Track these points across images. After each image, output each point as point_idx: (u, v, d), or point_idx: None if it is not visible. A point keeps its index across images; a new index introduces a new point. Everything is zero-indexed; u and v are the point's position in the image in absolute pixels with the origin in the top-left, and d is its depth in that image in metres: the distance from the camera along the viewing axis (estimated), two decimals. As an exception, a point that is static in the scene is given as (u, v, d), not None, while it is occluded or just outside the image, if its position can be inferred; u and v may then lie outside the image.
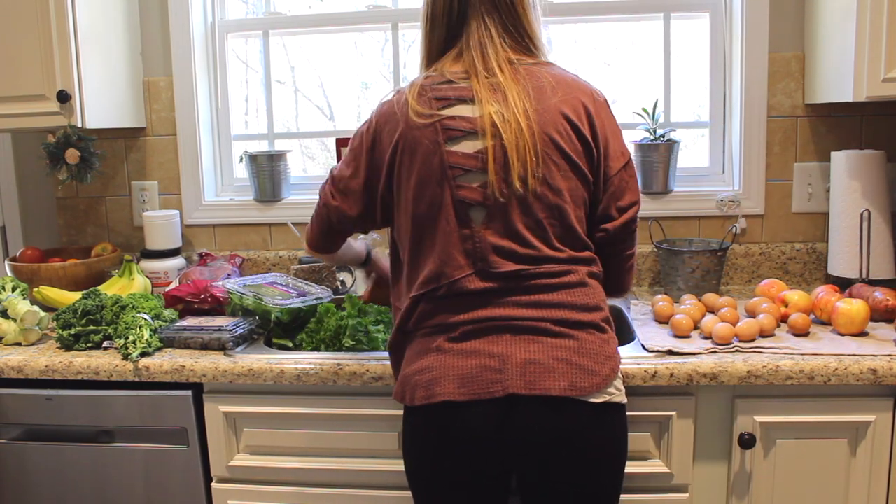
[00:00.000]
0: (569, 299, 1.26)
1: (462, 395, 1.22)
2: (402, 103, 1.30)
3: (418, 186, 1.28)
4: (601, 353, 1.25)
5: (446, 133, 1.26)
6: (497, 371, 1.22)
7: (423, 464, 1.31)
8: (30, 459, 1.68)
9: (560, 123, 1.26)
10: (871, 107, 2.01)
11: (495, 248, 1.25)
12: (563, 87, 1.29)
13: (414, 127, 1.27)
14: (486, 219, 1.26)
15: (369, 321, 1.77)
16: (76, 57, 1.97)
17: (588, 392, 1.22)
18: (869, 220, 1.84)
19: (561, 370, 1.21)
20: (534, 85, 1.27)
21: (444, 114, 1.26)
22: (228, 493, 1.64)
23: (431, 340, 1.28)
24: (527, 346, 1.23)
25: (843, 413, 1.47)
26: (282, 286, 1.90)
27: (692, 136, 2.27)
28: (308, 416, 1.58)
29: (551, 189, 1.25)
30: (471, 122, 1.25)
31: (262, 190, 2.28)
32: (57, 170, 2.07)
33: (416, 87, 1.30)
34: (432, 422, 1.26)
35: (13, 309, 1.77)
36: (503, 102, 1.24)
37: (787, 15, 2.04)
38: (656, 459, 1.52)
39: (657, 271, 2.12)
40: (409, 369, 1.30)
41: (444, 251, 1.27)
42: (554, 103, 1.26)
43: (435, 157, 1.26)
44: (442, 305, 1.27)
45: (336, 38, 2.37)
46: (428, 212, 1.28)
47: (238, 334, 1.67)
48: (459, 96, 1.27)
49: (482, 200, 1.25)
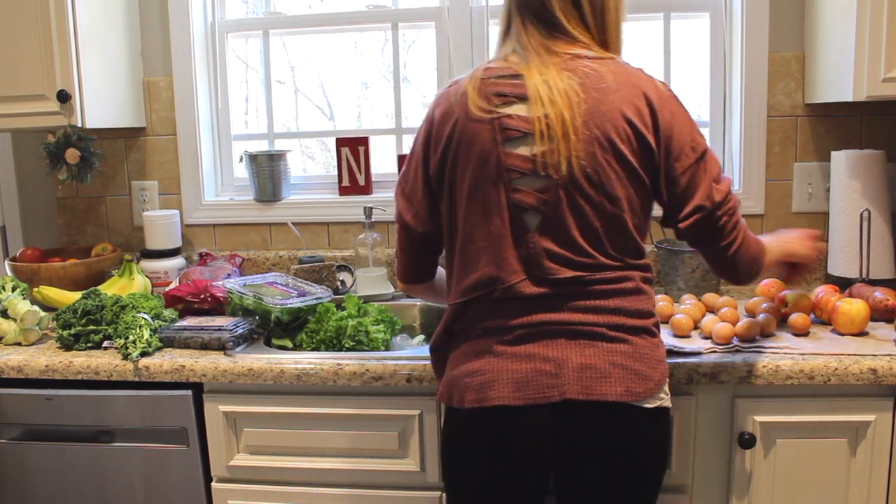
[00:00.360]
0: (625, 305, 1.23)
1: (517, 400, 1.19)
2: (461, 94, 1.26)
3: (473, 186, 1.24)
4: (653, 358, 1.23)
5: (504, 133, 1.22)
6: (553, 375, 1.19)
7: (471, 468, 1.27)
8: (30, 459, 1.68)
9: (620, 126, 1.20)
10: (870, 107, 2.01)
11: (549, 254, 1.22)
12: (625, 85, 1.22)
13: (472, 120, 1.23)
14: (540, 224, 1.22)
15: (369, 321, 1.77)
16: (76, 57, 1.97)
17: (643, 397, 1.20)
18: (869, 220, 1.84)
19: (617, 375, 1.19)
20: (594, 82, 1.21)
21: (503, 112, 1.22)
22: (228, 493, 1.64)
23: (483, 343, 1.25)
24: (582, 351, 1.20)
25: (843, 413, 1.47)
26: (282, 286, 1.91)
27: (692, 136, 2.26)
28: (308, 416, 1.58)
29: (608, 197, 1.21)
30: (528, 123, 1.21)
31: (262, 190, 2.28)
32: (57, 170, 2.07)
33: (477, 79, 1.25)
34: (484, 426, 1.23)
35: (13, 309, 1.77)
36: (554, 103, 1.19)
37: (787, 15, 2.04)
38: (656, 459, 1.52)
39: (657, 271, 2.12)
40: (457, 371, 1.27)
41: (498, 255, 1.23)
42: (615, 103, 1.20)
43: (492, 157, 1.22)
44: (495, 309, 1.24)
45: (336, 38, 2.37)
46: (482, 213, 1.24)
47: (238, 334, 1.67)
48: (518, 94, 1.22)
49: (537, 205, 1.21)
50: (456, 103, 1.26)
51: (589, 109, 1.19)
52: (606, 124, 1.20)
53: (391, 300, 2.05)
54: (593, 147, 1.19)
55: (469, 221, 1.26)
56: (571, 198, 1.21)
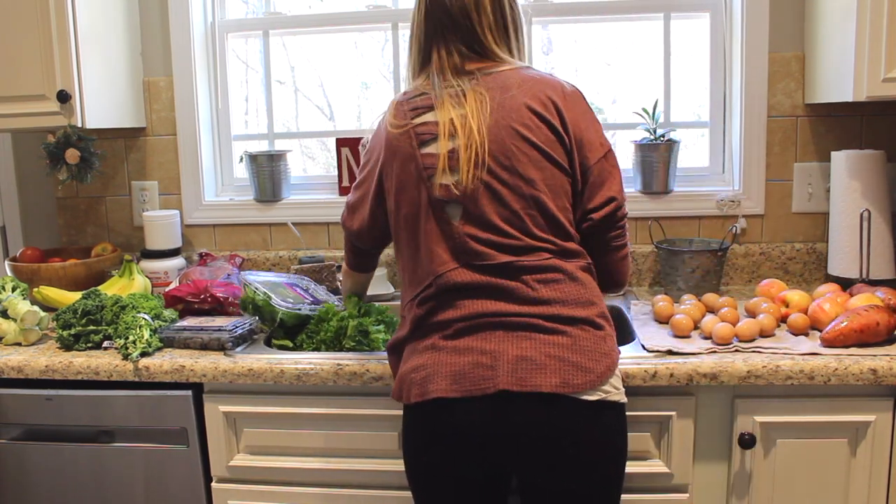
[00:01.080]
0: (560, 295, 1.27)
1: (454, 392, 1.23)
2: (385, 120, 1.41)
3: (399, 191, 1.35)
4: (596, 350, 1.25)
5: (419, 138, 1.33)
6: (489, 367, 1.22)
7: (419, 460, 1.32)
8: (30, 459, 1.68)
9: (526, 116, 1.30)
10: (870, 107, 2.01)
11: (474, 239, 1.28)
12: (530, 84, 1.33)
13: (392, 137, 1.36)
14: (462, 214, 1.29)
15: (370, 322, 1.77)
16: (76, 57, 1.97)
17: (580, 389, 1.22)
18: (869, 220, 1.84)
19: (553, 367, 1.22)
20: (498, 86, 1.32)
21: (416, 122, 1.34)
22: (228, 493, 1.64)
23: (426, 339, 1.30)
24: (519, 343, 1.24)
25: (843, 413, 1.47)
26: (300, 290, 1.89)
27: (692, 136, 2.27)
28: (308, 416, 1.59)
29: (523, 179, 1.28)
30: (437, 126, 1.32)
31: (262, 190, 2.28)
32: (57, 170, 2.07)
33: (394, 104, 1.40)
34: (426, 419, 1.28)
35: (13, 309, 1.77)
36: (462, 106, 1.30)
37: (787, 15, 2.04)
38: (656, 459, 1.52)
39: (657, 271, 2.12)
40: (405, 368, 1.32)
41: (428, 249, 1.31)
42: (519, 99, 1.31)
43: (412, 162, 1.33)
44: (436, 304, 1.30)
45: (336, 38, 2.37)
46: (410, 213, 1.34)
47: (238, 334, 1.67)
48: (429, 105, 1.34)
49: (456, 197, 1.29)
50: (383, 128, 1.40)
51: (494, 106, 1.30)
52: (511, 115, 1.30)
53: (391, 300, 2.05)
54: (500, 135, 1.28)
55: (403, 225, 1.36)
56: (488, 185, 1.28)
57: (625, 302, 1.93)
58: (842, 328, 1.50)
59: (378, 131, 1.44)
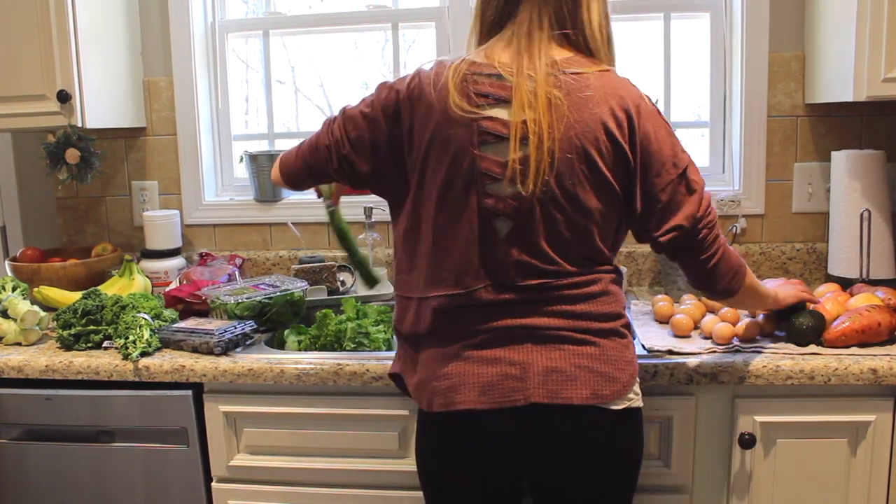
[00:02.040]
0: (592, 309, 1.22)
1: (483, 404, 1.19)
2: (442, 87, 1.21)
3: (444, 186, 1.22)
4: (622, 359, 1.23)
5: (482, 136, 1.19)
6: (518, 379, 1.19)
7: (441, 470, 1.28)
8: (30, 459, 1.68)
9: (600, 135, 1.18)
10: (870, 107, 2.01)
11: (517, 262, 1.21)
12: (612, 96, 1.20)
13: (450, 120, 1.20)
14: (510, 231, 1.20)
15: (369, 323, 1.77)
16: (76, 57, 1.97)
17: (609, 399, 1.20)
18: (869, 220, 1.84)
19: (583, 378, 1.19)
20: (578, 93, 1.18)
21: (483, 114, 1.19)
22: (228, 493, 1.64)
23: (451, 346, 1.24)
24: (548, 354, 1.20)
25: (843, 413, 1.47)
26: (265, 286, 1.88)
27: (692, 136, 2.27)
28: (308, 416, 1.58)
29: (581, 211, 1.20)
30: (507, 128, 1.18)
31: (262, 190, 2.28)
32: (57, 170, 2.07)
33: (460, 74, 1.20)
34: (452, 430, 1.24)
35: (13, 309, 1.77)
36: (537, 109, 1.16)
37: (787, 15, 2.04)
38: (656, 459, 1.52)
39: (657, 271, 2.12)
40: (426, 374, 1.27)
41: (464, 259, 1.22)
42: (596, 114, 1.18)
43: (466, 159, 1.19)
44: (460, 313, 1.24)
45: (336, 38, 2.37)
46: (451, 214, 1.22)
47: (227, 339, 1.64)
48: (501, 96, 1.19)
49: (509, 212, 1.19)
50: (436, 97, 1.21)
51: (569, 118, 1.17)
52: (587, 134, 1.17)
53: (391, 300, 2.05)
54: (571, 156, 1.17)
55: (438, 222, 1.24)
56: (544, 207, 1.19)
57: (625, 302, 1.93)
58: (843, 328, 1.50)
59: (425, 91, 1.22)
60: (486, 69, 1.21)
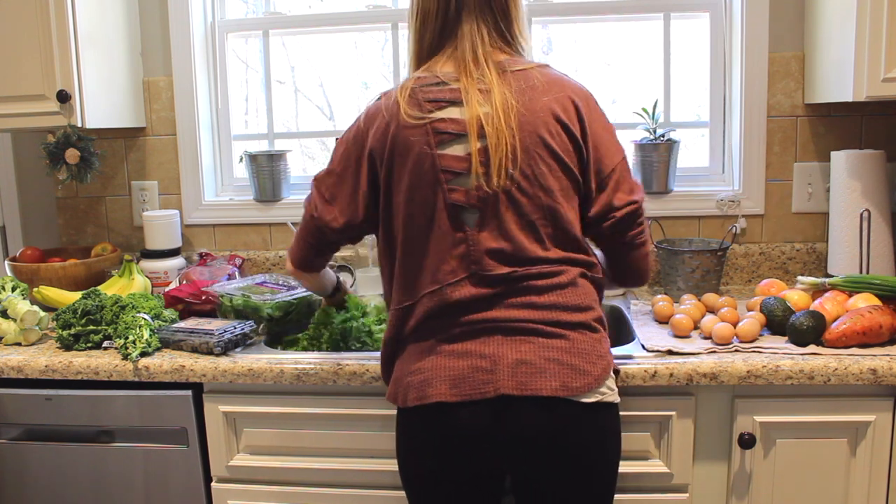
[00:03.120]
0: (560, 300, 1.26)
1: (454, 396, 1.22)
2: (392, 105, 1.29)
3: (410, 190, 1.28)
4: (593, 353, 1.25)
5: (438, 136, 1.26)
6: (488, 371, 1.22)
7: (417, 464, 1.31)
8: (30, 459, 1.68)
9: (550, 123, 1.26)
10: (870, 107, 2.01)
11: (489, 251, 1.25)
12: (554, 87, 1.29)
13: (405, 128, 1.27)
14: (479, 221, 1.26)
15: (372, 321, 1.77)
16: (76, 57, 1.97)
17: (580, 392, 1.22)
18: (869, 220, 1.84)
19: (552, 370, 1.21)
20: (524, 85, 1.27)
21: (435, 116, 1.26)
22: (228, 493, 1.64)
23: (424, 342, 1.29)
24: (518, 347, 1.23)
25: (843, 413, 1.47)
26: (272, 284, 1.90)
27: (692, 136, 2.27)
28: (308, 416, 1.58)
29: (543, 189, 1.26)
30: (460, 125, 1.25)
31: (262, 190, 2.28)
32: (57, 170, 2.07)
33: (407, 89, 1.29)
34: (425, 422, 1.27)
35: (13, 309, 1.77)
36: (490, 104, 1.24)
37: (787, 15, 2.04)
38: (656, 459, 1.52)
39: (657, 271, 2.12)
40: (401, 371, 1.31)
41: (437, 256, 1.27)
42: (544, 103, 1.27)
43: (426, 161, 1.26)
44: (436, 309, 1.27)
45: (336, 38, 2.37)
46: (420, 216, 1.28)
47: (226, 339, 1.63)
48: (450, 98, 1.27)
49: (475, 203, 1.25)
50: (389, 115, 1.29)
51: (521, 109, 1.25)
52: (538, 121, 1.25)
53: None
54: (526, 143, 1.24)
55: (408, 226, 1.29)
56: (509, 193, 1.25)
57: (625, 302, 1.93)
58: (844, 329, 1.50)
59: (379, 114, 1.31)
60: (432, 80, 1.30)
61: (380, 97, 1.36)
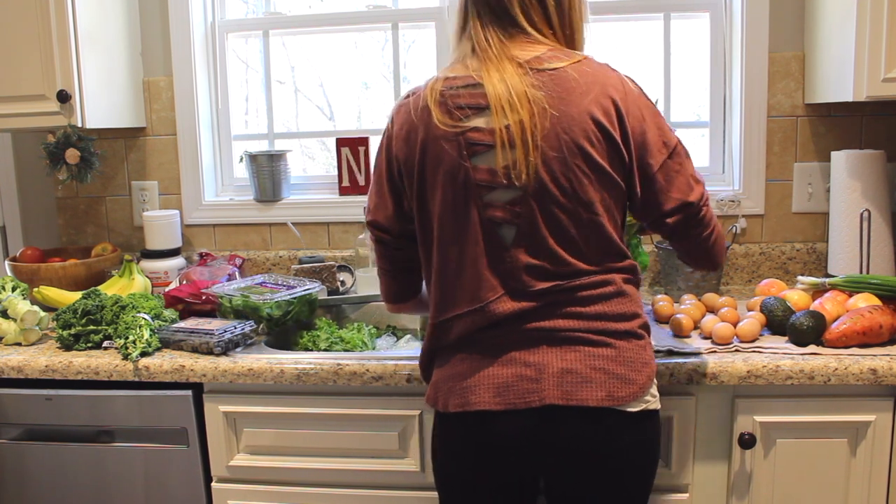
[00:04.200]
0: (607, 310, 1.21)
1: (498, 405, 1.19)
2: (421, 109, 1.23)
3: (444, 204, 1.22)
4: (638, 361, 1.22)
5: (470, 148, 1.19)
6: (533, 381, 1.19)
7: (455, 470, 1.28)
8: (30, 459, 1.68)
9: (589, 129, 1.17)
10: (870, 107, 2.01)
11: (528, 267, 1.20)
12: (594, 86, 1.19)
13: (438, 137, 1.20)
14: (516, 238, 1.20)
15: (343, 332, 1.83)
16: (76, 57, 1.97)
17: (625, 401, 1.19)
18: (869, 220, 1.84)
19: (598, 380, 1.18)
20: (560, 87, 1.18)
21: (468, 125, 1.19)
22: (228, 493, 1.64)
23: (467, 351, 1.25)
24: (563, 355, 1.19)
25: (843, 413, 1.47)
26: (272, 284, 1.90)
27: (692, 136, 2.26)
28: (308, 416, 1.58)
29: (583, 204, 1.19)
30: (491, 135, 1.18)
31: (262, 190, 2.28)
32: (57, 170, 2.07)
33: (436, 92, 1.22)
34: (467, 430, 1.24)
35: (13, 309, 1.77)
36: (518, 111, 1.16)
37: (787, 15, 2.04)
38: (656, 459, 1.52)
39: (657, 271, 2.12)
40: (442, 375, 1.27)
41: (475, 272, 1.22)
42: (584, 106, 1.17)
43: (460, 174, 1.19)
44: (477, 325, 1.23)
45: (336, 38, 2.37)
46: (455, 230, 1.22)
47: (227, 339, 1.63)
48: (478, 104, 1.19)
49: (511, 219, 1.19)
50: (418, 120, 1.23)
51: (554, 114, 1.17)
52: (574, 128, 1.17)
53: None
54: (562, 153, 1.17)
55: (444, 241, 1.24)
56: (544, 207, 1.18)
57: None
58: (844, 329, 1.50)
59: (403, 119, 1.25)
60: (462, 80, 1.22)
61: (408, 96, 1.28)
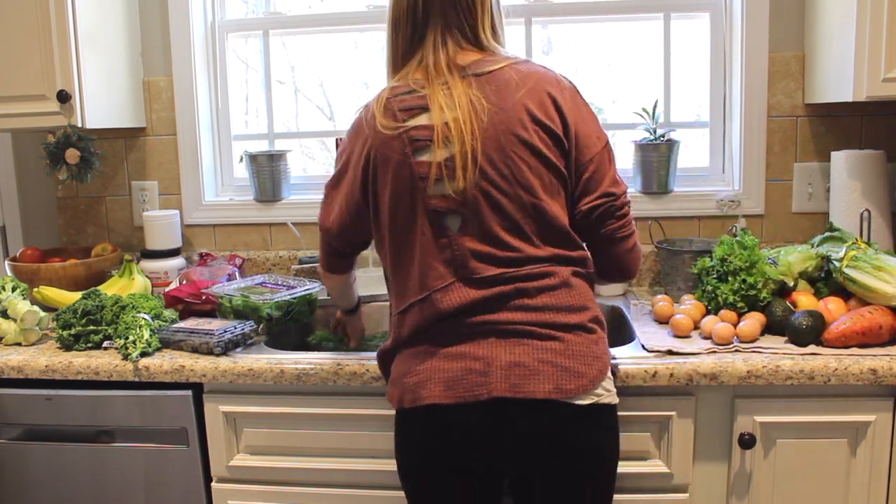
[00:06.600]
0: (552, 301, 1.25)
1: (448, 398, 1.22)
2: (370, 117, 1.31)
3: (392, 199, 1.29)
4: (588, 354, 1.24)
5: (413, 144, 1.26)
6: (482, 374, 1.22)
7: (413, 465, 1.32)
8: (30, 459, 1.68)
9: (526, 119, 1.24)
10: (871, 107, 2.01)
11: (474, 253, 1.25)
12: (529, 82, 1.27)
13: (382, 139, 1.28)
14: (461, 225, 1.26)
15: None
16: (76, 57, 1.97)
17: (574, 394, 1.21)
18: (869, 220, 1.84)
19: (546, 372, 1.21)
20: (496, 85, 1.26)
21: (410, 124, 1.27)
22: (228, 493, 1.64)
23: (420, 346, 1.29)
24: (512, 349, 1.23)
25: (843, 413, 1.47)
26: (272, 284, 1.90)
27: (692, 136, 2.27)
28: (308, 416, 1.58)
29: (523, 187, 1.24)
30: (431, 131, 1.25)
31: (262, 190, 2.28)
32: (57, 170, 2.07)
33: (382, 100, 1.30)
34: (420, 424, 1.27)
35: (13, 309, 1.77)
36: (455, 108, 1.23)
37: (787, 15, 2.04)
38: (656, 459, 1.52)
39: (657, 271, 2.12)
40: (397, 372, 1.32)
41: (423, 262, 1.28)
42: (518, 99, 1.25)
43: (405, 169, 1.27)
44: (427, 315, 1.27)
45: (336, 38, 2.37)
46: (404, 224, 1.29)
47: (227, 339, 1.64)
48: (421, 105, 1.27)
49: (455, 208, 1.25)
50: (367, 127, 1.31)
51: (492, 108, 1.24)
52: (511, 119, 1.24)
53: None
54: (500, 142, 1.23)
55: (395, 235, 1.30)
56: (487, 193, 1.24)
57: (625, 302, 1.93)
58: (844, 329, 1.50)
59: (360, 127, 1.34)
60: (404, 88, 1.30)
61: (360, 111, 1.37)
